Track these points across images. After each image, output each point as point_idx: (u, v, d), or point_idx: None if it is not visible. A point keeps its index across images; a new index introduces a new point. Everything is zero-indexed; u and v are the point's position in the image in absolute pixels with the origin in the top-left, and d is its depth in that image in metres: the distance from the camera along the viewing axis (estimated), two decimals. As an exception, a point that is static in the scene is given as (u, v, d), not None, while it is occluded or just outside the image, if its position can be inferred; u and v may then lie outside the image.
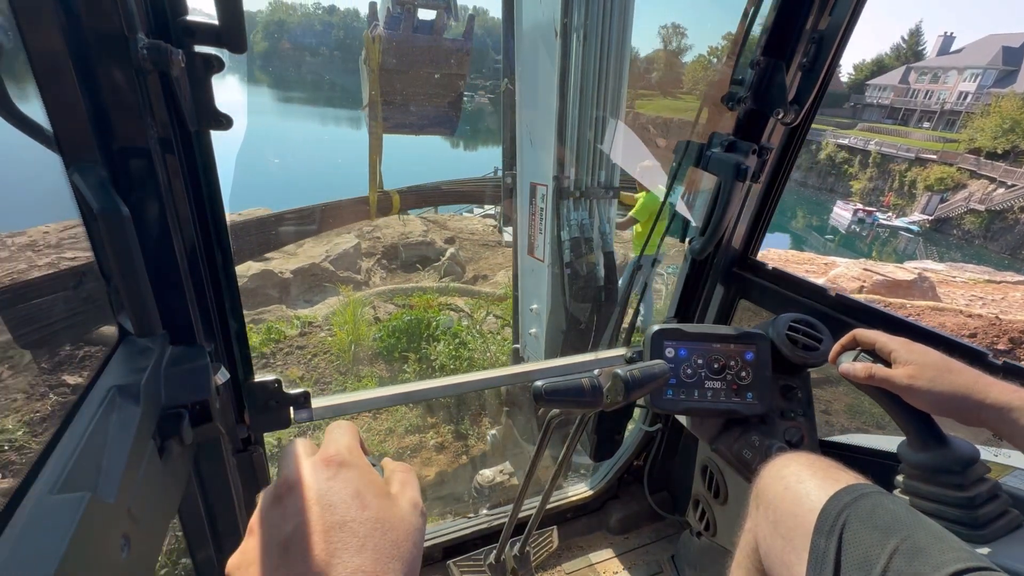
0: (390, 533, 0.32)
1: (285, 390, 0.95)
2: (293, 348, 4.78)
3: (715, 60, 51.53)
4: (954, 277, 9.59)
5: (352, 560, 0.30)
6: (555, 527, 1.64)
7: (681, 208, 1.59)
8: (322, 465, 0.35)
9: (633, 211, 4.43)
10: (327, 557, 0.29)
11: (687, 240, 1.47)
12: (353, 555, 0.30)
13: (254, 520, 0.34)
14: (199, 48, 0.63)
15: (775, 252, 9.39)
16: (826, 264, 8.58)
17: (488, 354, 4.66)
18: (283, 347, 4.80)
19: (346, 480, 0.34)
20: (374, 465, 0.39)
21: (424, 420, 4.18)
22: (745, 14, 1.23)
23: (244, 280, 6.23)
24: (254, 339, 4.89)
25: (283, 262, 7.03)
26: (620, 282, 2.21)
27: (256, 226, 4.74)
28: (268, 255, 7.18)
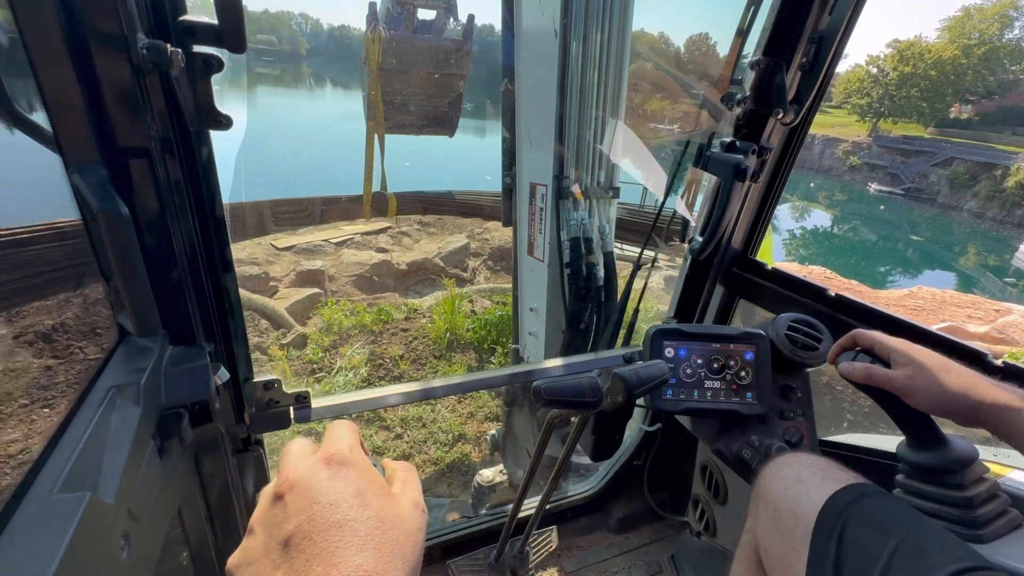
0: (391, 532, 0.32)
1: (285, 390, 0.95)
2: (397, 330, 5.29)
3: (875, 70, 45.47)
4: None
5: (353, 559, 0.30)
6: (555, 527, 1.64)
7: (681, 208, 1.59)
8: (323, 464, 0.35)
9: None
10: (328, 556, 0.29)
11: (687, 240, 1.47)
12: (354, 554, 0.30)
13: (255, 519, 0.34)
14: (199, 48, 0.63)
15: (928, 290, 7.68)
16: (996, 311, 7.05)
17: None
18: (389, 328, 5.31)
19: (347, 479, 0.34)
20: (374, 465, 0.39)
21: (502, 410, 4.31)
22: (745, 14, 1.23)
23: (366, 268, 6.75)
24: (366, 318, 5.32)
25: (400, 255, 7.48)
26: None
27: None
28: (386, 247, 7.71)
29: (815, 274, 7.51)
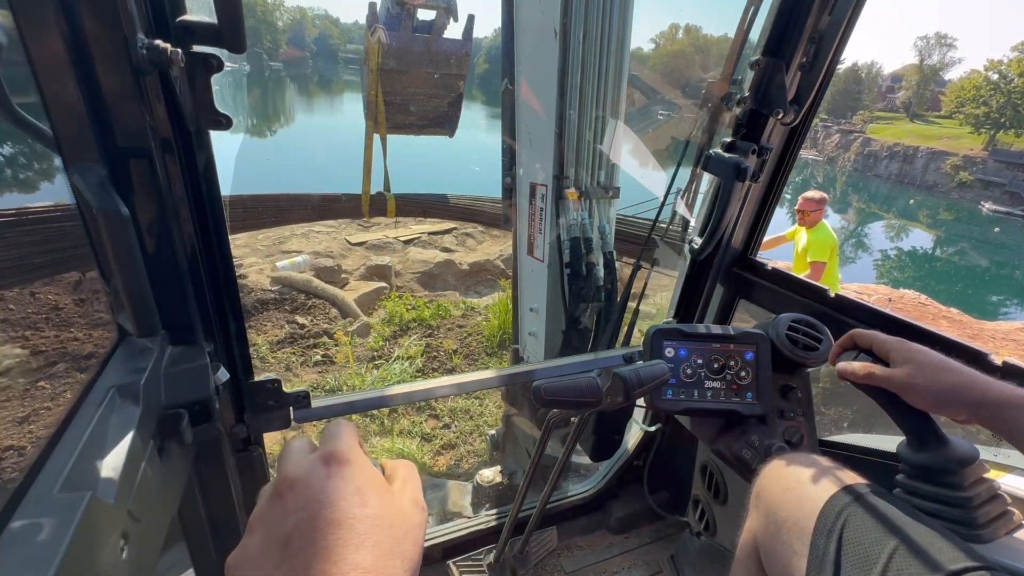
0: (390, 531, 0.32)
1: (284, 390, 0.95)
2: (454, 326, 5.58)
3: (996, 76, 40.83)
4: None
5: (352, 557, 0.29)
6: (555, 527, 1.64)
7: (681, 208, 1.59)
8: (322, 462, 0.35)
9: (812, 254, 3.84)
10: (327, 554, 0.29)
11: (687, 240, 1.47)
12: (352, 552, 0.30)
13: (254, 517, 0.34)
14: (198, 48, 0.63)
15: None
16: None
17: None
18: (446, 323, 5.60)
19: (346, 477, 0.34)
20: (374, 464, 0.39)
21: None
22: (744, 14, 1.23)
23: (430, 266, 7.03)
24: (425, 312, 5.62)
25: (464, 255, 7.77)
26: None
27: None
28: (451, 247, 8.00)
29: (906, 299, 7.08)
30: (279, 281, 5.97)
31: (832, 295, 1.22)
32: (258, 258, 6.85)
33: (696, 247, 1.38)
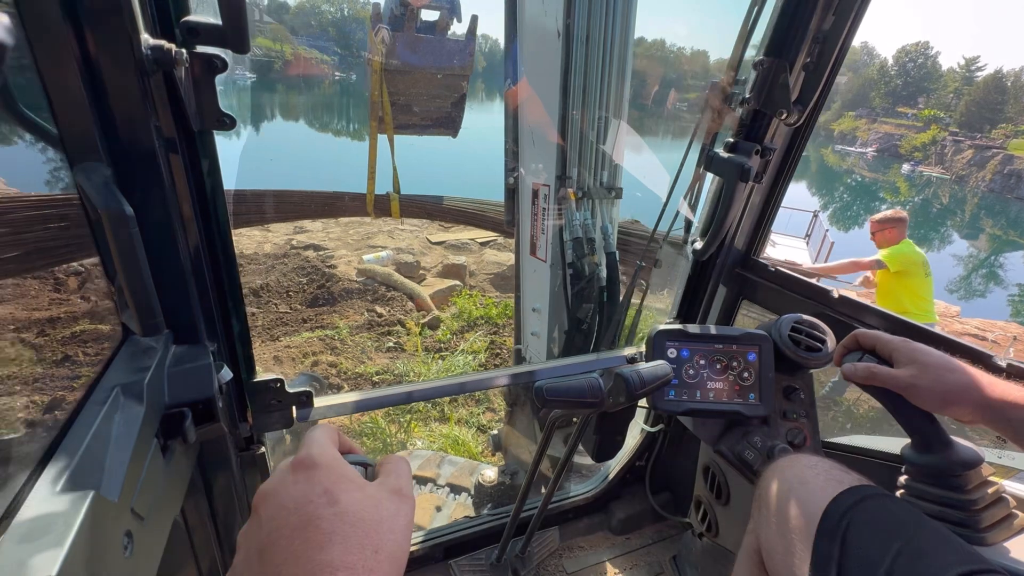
0: (359, 524, 0.33)
1: (287, 389, 0.95)
2: None
3: None
4: None
5: (317, 557, 0.30)
6: (557, 527, 1.64)
7: (684, 209, 1.59)
8: (291, 470, 0.36)
9: (884, 254, 3.73)
10: (295, 558, 0.30)
11: (690, 241, 1.46)
12: (318, 552, 0.30)
13: (239, 534, 0.35)
14: (202, 48, 0.64)
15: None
16: None
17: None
18: (511, 322, 5.77)
19: (313, 481, 0.35)
20: (363, 462, 0.40)
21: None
22: (748, 13, 1.22)
23: (503, 268, 7.31)
24: (493, 311, 5.89)
25: None
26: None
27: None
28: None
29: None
30: (364, 273, 6.49)
31: (836, 295, 1.22)
32: (348, 251, 7.31)
33: (699, 247, 1.38)
